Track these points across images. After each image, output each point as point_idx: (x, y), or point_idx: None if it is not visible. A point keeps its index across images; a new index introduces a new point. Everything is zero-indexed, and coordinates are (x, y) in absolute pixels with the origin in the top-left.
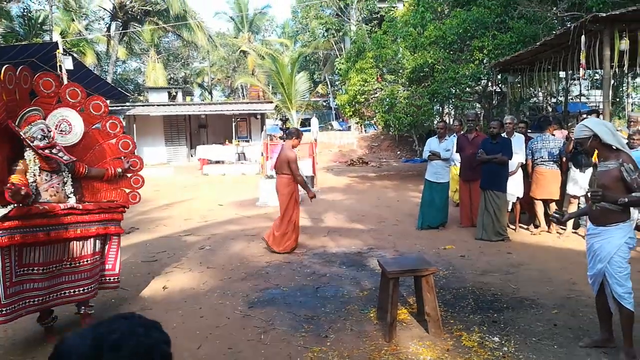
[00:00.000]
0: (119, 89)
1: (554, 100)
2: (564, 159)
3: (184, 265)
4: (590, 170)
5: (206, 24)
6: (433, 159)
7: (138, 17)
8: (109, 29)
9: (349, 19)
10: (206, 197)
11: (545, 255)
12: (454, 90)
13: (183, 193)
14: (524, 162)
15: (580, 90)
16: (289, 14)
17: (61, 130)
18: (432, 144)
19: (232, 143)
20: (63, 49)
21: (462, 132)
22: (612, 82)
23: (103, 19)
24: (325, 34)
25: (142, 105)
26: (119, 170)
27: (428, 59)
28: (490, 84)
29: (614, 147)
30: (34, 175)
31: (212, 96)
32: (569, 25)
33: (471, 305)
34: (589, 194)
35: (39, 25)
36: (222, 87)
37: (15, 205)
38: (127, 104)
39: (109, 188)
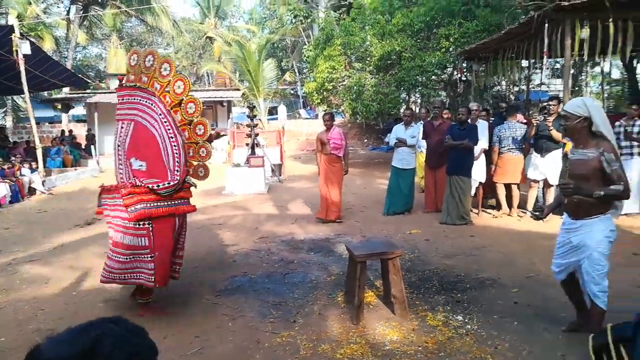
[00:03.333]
0: (79, 75)
1: (516, 88)
2: (527, 144)
3: None
4: (551, 155)
5: (171, 8)
6: (400, 145)
7: (99, 0)
8: (68, 13)
9: (317, 6)
10: None
11: (507, 238)
12: (420, 78)
13: None
14: (487, 148)
15: (542, 79)
16: (256, 0)
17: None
18: (398, 131)
19: None
20: (20, 33)
21: (428, 119)
22: (572, 71)
23: (62, 2)
24: (293, 21)
25: (104, 93)
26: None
27: (396, 46)
28: (455, 72)
29: (598, 135)
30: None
31: None
32: (532, 14)
33: (436, 287)
34: (560, 186)
35: None
36: (187, 75)
37: None
38: (88, 91)
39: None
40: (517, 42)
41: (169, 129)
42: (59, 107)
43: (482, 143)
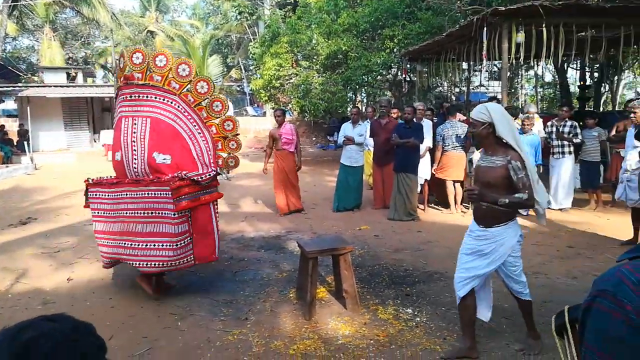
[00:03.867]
0: (9, 67)
1: (457, 89)
2: (468, 142)
3: (90, 256)
4: None
5: (109, 0)
6: (348, 143)
7: None
8: None
9: (263, 3)
10: None
11: (452, 233)
12: (366, 78)
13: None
14: (431, 147)
15: (481, 81)
16: None
17: None
18: (346, 129)
19: None
20: None
21: (375, 118)
22: (508, 74)
23: None
24: (238, 17)
25: (37, 86)
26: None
27: (342, 46)
28: (400, 72)
29: (504, 142)
30: None
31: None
32: (471, 18)
33: (386, 281)
34: (466, 193)
35: None
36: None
37: None
38: (19, 85)
39: None
40: (458, 44)
41: (194, 125)
42: None
43: (427, 141)
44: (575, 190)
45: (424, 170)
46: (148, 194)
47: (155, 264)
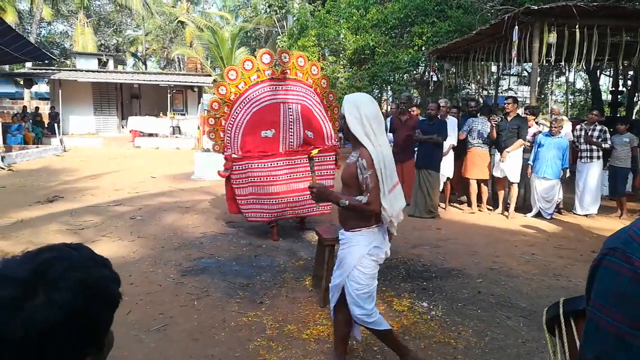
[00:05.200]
0: (43, 50)
1: (485, 92)
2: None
3: (112, 235)
4: (510, 153)
5: None
6: None
7: None
8: None
9: None
10: (138, 169)
11: (472, 232)
12: (393, 75)
13: (112, 164)
14: (455, 144)
15: (509, 85)
16: None
17: None
18: None
19: (167, 116)
20: None
21: (395, 114)
22: (538, 78)
23: None
24: (268, 10)
25: (69, 70)
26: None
27: (369, 41)
28: (427, 71)
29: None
30: None
31: (146, 66)
32: (502, 16)
33: (402, 275)
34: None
35: None
36: (157, 58)
37: None
38: (52, 67)
39: None
40: (488, 43)
41: (323, 110)
42: (21, 82)
43: (451, 139)
44: (603, 197)
45: (447, 168)
46: (303, 160)
47: (313, 209)
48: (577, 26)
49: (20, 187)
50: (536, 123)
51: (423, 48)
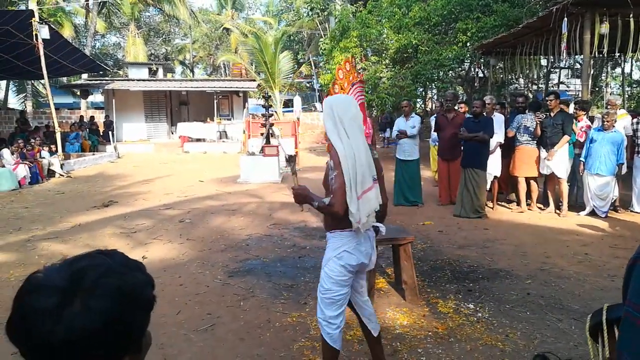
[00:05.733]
0: (97, 62)
1: (534, 86)
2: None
3: (163, 237)
4: (560, 146)
5: None
6: (401, 137)
7: None
8: (87, 0)
9: None
10: (186, 173)
11: (521, 232)
12: (437, 73)
13: (163, 169)
14: (502, 142)
15: (559, 78)
16: None
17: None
18: (399, 123)
19: (214, 121)
20: (39, 18)
21: (441, 112)
22: (592, 71)
23: None
24: (310, 13)
25: (122, 80)
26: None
27: (412, 39)
28: (472, 67)
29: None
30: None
31: (193, 74)
32: (551, 8)
33: (448, 276)
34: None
35: None
36: (204, 65)
37: None
38: (106, 78)
39: None
40: (536, 36)
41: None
42: (78, 93)
43: (498, 136)
44: None
45: (494, 166)
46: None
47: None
48: (631, 15)
49: (78, 193)
50: (590, 118)
51: (468, 44)
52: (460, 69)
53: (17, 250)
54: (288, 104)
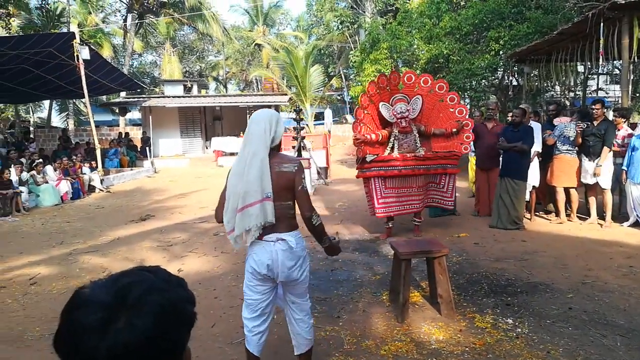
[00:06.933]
0: (135, 80)
1: (571, 93)
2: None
3: (198, 250)
4: (603, 160)
5: (221, 16)
6: None
7: (154, 9)
8: (125, 21)
9: (364, 12)
10: (220, 187)
11: (561, 244)
12: (469, 82)
13: (198, 183)
14: (540, 151)
15: (598, 84)
16: (303, 7)
17: (413, 109)
18: None
19: None
20: (80, 39)
21: (481, 121)
22: (632, 77)
23: (119, 11)
24: (340, 27)
25: (158, 97)
26: (454, 130)
27: (443, 49)
28: (506, 75)
29: None
30: (394, 135)
31: (226, 89)
32: (587, 14)
33: (484, 290)
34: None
35: (56, 17)
36: (237, 81)
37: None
38: (143, 96)
39: (448, 142)
40: (571, 43)
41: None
42: (117, 111)
43: (537, 146)
44: None
45: (533, 176)
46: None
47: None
48: None
49: (117, 207)
50: (631, 125)
51: (501, 52)
52: (493, 77)
53: (59, 264)
54: (319, 116)
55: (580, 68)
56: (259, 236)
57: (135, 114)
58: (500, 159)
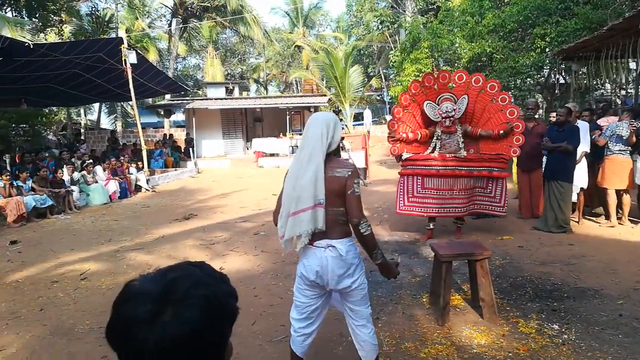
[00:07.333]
0: (179, 83)
1: (623, 92)
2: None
3: (239, 249)
4: None
5: (262, 19)
6: None
7: (197, 13)
8: (170, 26)
9: (404, 11)
10: (261, 187)
11: (611, 248)
12: (513, 81)
13: (239, 183)
14: (588, 151)
15: None
16: (343, 8)
17: (459, 108)
18: None
19: (287, 136)
20: (127, 44)
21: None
22: None
23: (165, 16)
24: (380, 27)
25: (201, 99)
26: (501, 132)
27: (486, 48)
28: (552, 74)
29: None
30: (437, 135)
31: (267, 91)
32: (639, 8)
33: (529, 294)
34: None
35: (105, 23)
36: (277, 83)
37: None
38: (187, 98)
39: (497, 144)
40: (622, 39)
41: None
42: (162, 113)
43: (584, 146)
44: None
45: (581, 177)
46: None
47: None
48: None
49: (162, 207)
50: None
51: (547, 50)
52: (538, 75)
53: (107, 260)
54: (358, 117)
55: (632, 65)
56: (309, 241)
57: (179, 116)
58: (544, 159)
